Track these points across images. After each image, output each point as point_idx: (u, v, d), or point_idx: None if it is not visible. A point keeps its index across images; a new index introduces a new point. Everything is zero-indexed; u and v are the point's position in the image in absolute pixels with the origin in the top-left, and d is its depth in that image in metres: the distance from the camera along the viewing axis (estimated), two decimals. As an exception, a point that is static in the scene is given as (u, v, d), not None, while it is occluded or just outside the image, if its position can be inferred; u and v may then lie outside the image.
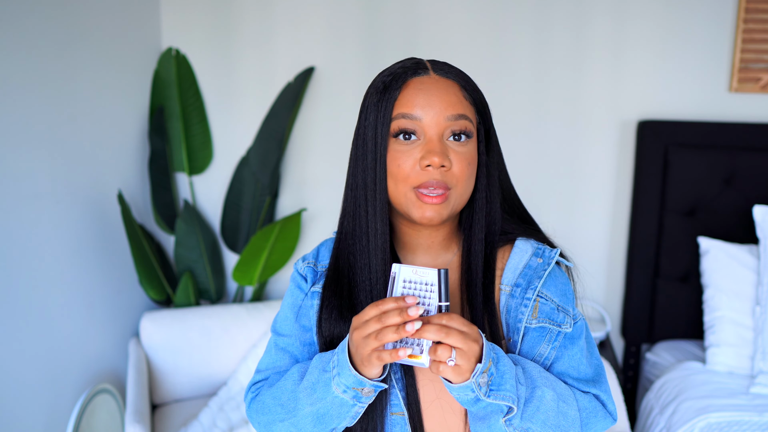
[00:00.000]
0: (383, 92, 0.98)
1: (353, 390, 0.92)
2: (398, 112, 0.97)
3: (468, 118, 0.98)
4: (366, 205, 1.01)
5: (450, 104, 0.97)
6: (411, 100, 0.97)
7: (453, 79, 1.00)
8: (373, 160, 0.99)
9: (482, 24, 2.50)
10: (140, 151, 2.49)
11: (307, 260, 1.11)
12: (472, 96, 1.00)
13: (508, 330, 1.01)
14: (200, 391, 2.33)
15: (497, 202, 1.04)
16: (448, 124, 0.97)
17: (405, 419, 1.00)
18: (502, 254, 1.07)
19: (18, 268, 1.78)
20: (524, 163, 2.56)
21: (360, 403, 0.94)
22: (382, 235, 1.00)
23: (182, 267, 2.49)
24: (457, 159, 0.97)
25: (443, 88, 0.98)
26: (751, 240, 2.33)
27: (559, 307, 1.03)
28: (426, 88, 0.98)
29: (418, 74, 0.99)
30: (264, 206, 2.55)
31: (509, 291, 1.03)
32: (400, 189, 0.98)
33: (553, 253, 1.04)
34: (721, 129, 2.40)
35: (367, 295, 1.01)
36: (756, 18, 2.37)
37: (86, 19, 2.09)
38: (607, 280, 2.64)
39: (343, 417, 0.96)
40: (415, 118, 0.96)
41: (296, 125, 2.62)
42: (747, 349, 2.14)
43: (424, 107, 0.96)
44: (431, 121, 0.96)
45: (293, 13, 2.55)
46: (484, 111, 1.02)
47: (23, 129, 1.80)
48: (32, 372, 1.83)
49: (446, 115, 0.96)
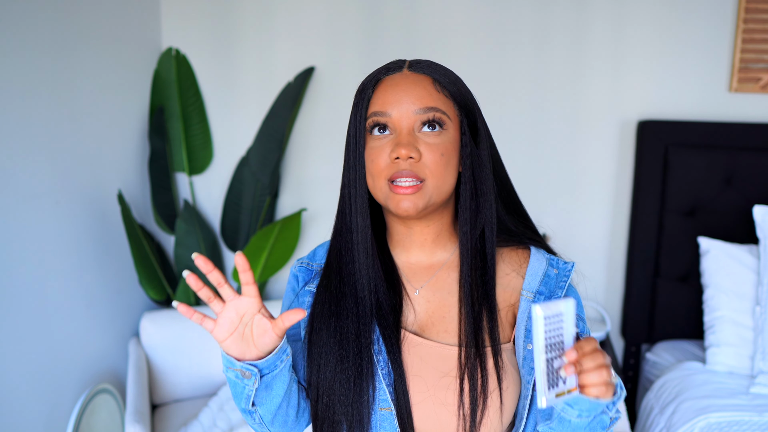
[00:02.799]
0: (361, 93, 1.03)
1: (231, 370, 0.96)
2: (371, 111, 1.01)
3: (440, 110, 0.99)
4: (350, 202, 1.04)
5: (418, 98, 0.99)
6: (382, 98, 1.00)
7: (426, 73, 1.02)
8: (353, 158, 1.03)
9: (482, 24, 2.50)
10: (140, 151, 2.49)
11: (302, 261, 1.14)
12: (448, 88, 1.01)
13: (527, 336, 1.02)
14: (200, 391, 2.33)
15: (490, 194, 1.04)
16: (417, 117, 0.99)
17: (393, 414, 1.01)
18: (517, 257, 1.08)
19: (18, 268, 1.78)
20: (524, 163, 2.56)
21: (246, 384, 0.97)
22: (363, 230, 1.03)
23: (182, 267, 2.49)
24: (428, 150, 0.98)
25: (413, 83, 1.00)
26: (751, 240, 2.33)
27: (578, 317, 1.05)
28: (395, 84, 1.01)
29: (391, 72, 1.02)
30: (264, 206, 2.55)
31: (531, 298, 1.04)
32: (377, 183, 1.00)
33: (570, 266, 1.06)
34: (721, 129, 2.40)
35: (352, 288, 1.03)
36: (756, 18, 2.37)
37: (86, 19, 2.09)
38: (607, 280, 2.64)
39: (240, 397, 0.99)
40: (385, 114, 1.00)
41: (296, 125, 2.62)
42: (747, 349, 2.14)
43: (393, 103, 0.99)
44: (400, 115, 0.99)
45: (293, 14, 2.55)
46: (464, 103, 1.03)
47: (23, 129, 1.80)
48: (32, 372, 1.83)
49: (415, 109, 0.99)
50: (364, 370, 1.01)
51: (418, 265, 1.08)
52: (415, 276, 1.08)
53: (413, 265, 1.08)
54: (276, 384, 0.99)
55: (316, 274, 1.11)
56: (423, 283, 1.07)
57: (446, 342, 1.03)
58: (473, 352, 0.99)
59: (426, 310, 1.06)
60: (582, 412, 0.92)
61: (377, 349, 1.02)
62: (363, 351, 1.01)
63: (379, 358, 1.02)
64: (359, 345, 1.01)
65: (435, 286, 1.07)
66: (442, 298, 1.06)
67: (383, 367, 1.01)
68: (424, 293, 1.07)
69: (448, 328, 1.04)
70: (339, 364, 1.01)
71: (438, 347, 1.02)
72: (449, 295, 1.06)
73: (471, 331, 1.01)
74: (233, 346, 0.95)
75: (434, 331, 1.04)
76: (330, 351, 1.02)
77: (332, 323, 1.03)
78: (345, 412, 1.01)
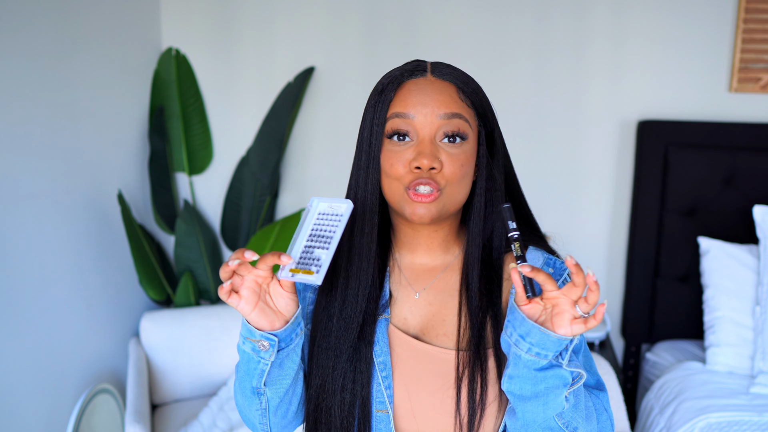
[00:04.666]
0: (380, 94, 1.01)
1: (248, 341, 0.96)
2: (392, 112, 0.99)
3: (463, 117, 0.98)
4: (357, 205, 1.03)
5: (443, 103, 0.98)
6: (405, 100, 0.99)
7: (450, 80, 1.00)
8: (366, 160, 1.01)
9: (482, 25, 2.50)
10: (140, 151, 2.49)
11: None
12: (471, 98, 1.00)
13: None
14: (200, 391, 2.33)
15: (501, 204, 1.03)
16: (441, 123, 0.97)
17: (389, 417, 1.00)
18: (513, 260, 1.07)
19: (18, 269, 1.78)
20: (524, 163, 2.56)
21: (261, 359, 0.96)
22: (369, 235, 1.02)
23: (182, 267, 2.49)
24: (449, 160, 0.97)
25: (438, 89, 0.99)
26: (751, 240, 2.33)
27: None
28: (420, 89, 0.99)
29: (415, 76, 1.01)
30: (264, 206, 2.55)
31: None
32: (394, 188, 0.99)
33: (566, 266, 1.04)
34: (721, 129, 2.40)
35: (353, 290, 1.02)
36: (756, 18, 2.37)
37: (86, 19, 2.09)
38: (607, 280, 2.64)
39: (253, 375, 0.98)
40: (408, 116, 0.98)
41: (296, 125, 2.62)
42: (747, 349, 2.14)
43: (416, 106, 0.98)
44: (424, 119, 0.97)
45: (293, 13, 2.55)
46: (485, 113, 1.02)
47: (23, 129, 1.80)
48: (32, 372, 1.83)
49: (439, 114, 0.97)
50: (362, 372, 1.01)
51: (422, 267, 1.08)
52: (418, 278, 1.07)
53: (417, 267, 1.08)
54: (287, 363, 0.99)
55: None
56: (425, 286, 1.07)
57: (446, 346, 1.02)
58: (472, 358, 0.99)
59: (427, 313, 1.05)
60: (532, 347, 0.88)
61: (377, 351, 1.02)
62: (362, 353, 1.01)
63: (378, 361, 1.02)
64: (359, 347, 1.01)
65: (437, 289, 1.06)
66: (443, 300, 1.05)
67: (382, 370, 1.01)
68: (426, 296, 1.06)
69: (447, 332, 1.03)
70: (338, 364, 1.01)
71: (436, 351, 1.01)
72: (450, 298, 1.05)
73: (474, 339, 1.00)
74: (260, 319, 0.94)
75: (434, 335, 1.04)
76: (330, 351, 1.02)
77: (333, 324, 1.03)
78: (341, 412, 1.01)
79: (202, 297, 2.56)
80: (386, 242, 1.09)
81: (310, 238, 0.94)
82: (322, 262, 0.91)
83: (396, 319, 1.05)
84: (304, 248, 0.93)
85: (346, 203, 0.94)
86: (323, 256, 0.92)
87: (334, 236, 0.92)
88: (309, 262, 0.92)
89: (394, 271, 1.08)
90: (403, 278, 1.08)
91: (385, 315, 1.05)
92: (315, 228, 0.94)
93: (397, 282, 1.08)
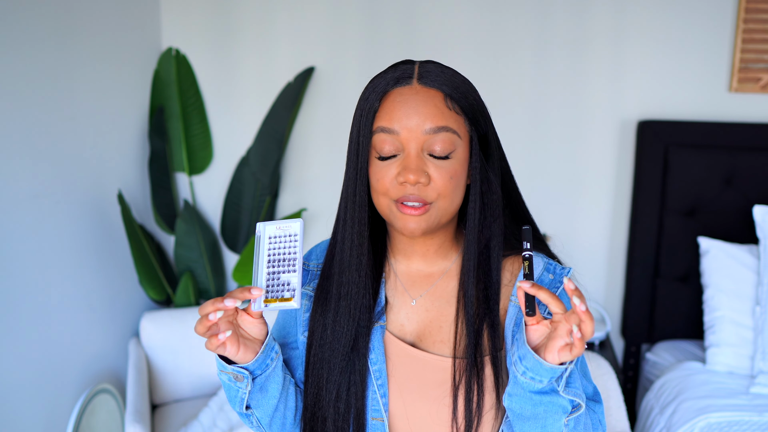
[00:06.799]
0: (364, 102, 0.98)
1: (223, 373, 0.97)
2: (377, 126, 0.96)
3: (450, 129, 0.95)
4: (346, 217, 1.01)
5: (429, 116, 0.94)
6: (389, 113, 0.96)
7: (437, 87, 0.96)
8: (354, 173, 0.99)
9: (482, 25, 2.50)
10: (140, 151, 2.49)
11: None
12: (460, 104, 0.97)
13: (515, 341, 1.00)
14: (200, 391, 2.33)
15: (498, 209, 1.01)
16: (426, 137, 0.94)
17: (385, 425, 1.00)
18: (519, 265, 1.04)
19: (18, 269, 1.78)
20: (524, 163, 2.56)
21: (239, 387, 0.97)
22: (358, 248, 1.00)
23: (182, 267, 2.49)
24: (437, 174, 0.95)
25: (423, 100, 0.95)
26: (751, 240, 2.33)
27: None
28: (404, 100, 0.95)
29: (400, 84, 0.97)
30: (264, 206, 2.55)
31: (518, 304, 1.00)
32: (383, 202, 0.98)
33: (566, 272, 1.02)
34: (721, 129, 2.40)
35: (347, 299, 1.01)
36: (756, 18, 2.37)
37: (86, 19, 2.09)
38: (607, 280, 2.64)
39: (235, 401, 1.00)
40: (393, 131, 0.95)
41: (296, 125, 2.62)
42: (747, 349, 2.14)
43: (401, 120, 0.95)
44: (409, 134, 0.94)
45: (293, 13, 2.55)
46: (475, 117, 0.99)
47: (23, 129, 1.80)
48: (32, 372, 1.83)
49: (424, 128, 0.94)
50: (356, 383, 1.00)
51: (418, 273, 1.06)
52: (414, 285, 1.06)
53: (413, 273, 1.06)
54: (270, 386, 0.99)
55: (314, 276, 1.09)
56: (422, 292, 1.05)
57: (442, 353, 1.01)
58: (468, 366, 0.97)
59: (423, 320, 1.04)
60: (527, 371, 0.87)
61: (372, 359, 1.01)
62: (358, 360, 1.00)
63: (374, 368, 1.01)
64: (354, 354, 1.00)
65: (434, 296, 1.05)
66: (440, 307, 1.04)
67: (378, 377, 1.00)
68: (423, 302, 1.05)
69: (444, 339, 1.02)
70: (331, 376, 1.00)
71: (433, 358, 1.00)
72: (448, 305, 1.04)
73: (471, 347, 0.98)
74: (246, 354, 0.95)
75: (430, 342, 1.02)
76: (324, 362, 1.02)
77: (328, 332, 1.02)
78: (335, 422, 1.00)
79: (202, 297, 2.56)
80: (382, 248, 1.08)
81: (270, 264, 0.93)
82: (294, 286, 0.91)
83: (392, 325, 1.04)
84: (269, 276, 0.93)
85: (296, 222, 0.93)
86: (293, 279, 0.91)
87: (296, 257, 0.92)
88: (280, 289, 0.92)
89: (390, 278, 1.07)
90: (400, 284, 1.06)
91: (381, 322, 1.03)
92: (271, 253, 0.93)
93: (393, 288, 1.06)
